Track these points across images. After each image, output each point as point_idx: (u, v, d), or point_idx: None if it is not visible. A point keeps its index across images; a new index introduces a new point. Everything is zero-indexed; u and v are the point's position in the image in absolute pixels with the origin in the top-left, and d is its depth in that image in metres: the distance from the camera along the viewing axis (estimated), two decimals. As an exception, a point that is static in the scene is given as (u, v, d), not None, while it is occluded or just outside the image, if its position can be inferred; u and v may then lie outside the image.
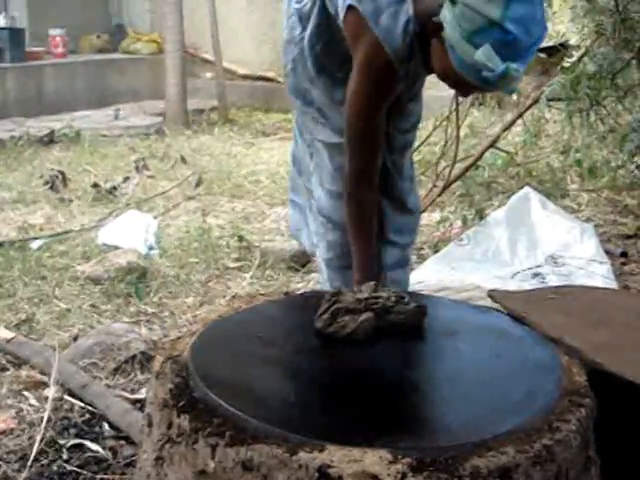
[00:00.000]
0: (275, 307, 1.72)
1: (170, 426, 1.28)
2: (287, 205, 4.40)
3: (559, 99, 3.86)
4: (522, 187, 4.01)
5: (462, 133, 4.76)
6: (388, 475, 1.09)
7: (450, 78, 1.72)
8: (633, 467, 1.50)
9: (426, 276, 3.05)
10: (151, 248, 3.59)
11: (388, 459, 1.11)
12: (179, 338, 1.52)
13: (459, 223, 3.94)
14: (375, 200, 1.98)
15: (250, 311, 1.66)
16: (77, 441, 2.14)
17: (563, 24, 4.45)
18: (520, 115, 4.33)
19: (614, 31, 3.36)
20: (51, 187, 4.71)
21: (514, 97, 5.34)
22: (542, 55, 4.86)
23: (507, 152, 4.81)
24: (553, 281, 3.13)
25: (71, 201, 4.55)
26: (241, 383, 1.33)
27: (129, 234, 3.74)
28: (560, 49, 4.32)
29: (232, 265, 3.56)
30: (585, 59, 3.74)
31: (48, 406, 2.25)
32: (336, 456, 1.11)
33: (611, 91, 3.56)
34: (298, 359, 1.44)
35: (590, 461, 1.29)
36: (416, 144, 2.57)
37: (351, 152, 1.92)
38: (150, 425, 1.37)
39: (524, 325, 1.61)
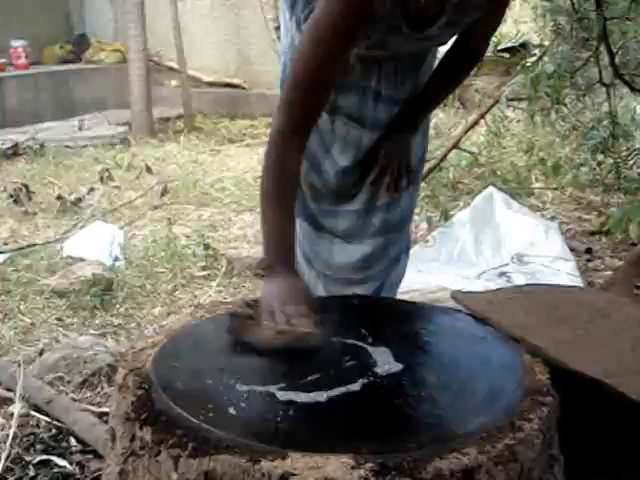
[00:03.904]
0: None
1: (133, 439, 1.26)
2: (253, 212, 4.45)
3: (520, 99, 3.90)
4: (487, 187, 4.04)
5: (426, 135, 4.78)
6: (350, 480, 1.08)
7: None
8: (596, 463, 1.51)
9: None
10: (116, 259, 3.57)
11: (350, 465, 1.10)
12: (142, 350, 1.51)
13: (425, 225, 3.96)
14: (300, 166, 1.72)
15: (213, 320, 1.65)
16: (44, 457, 2.12)
17: (525, 24, 4.50)
18: (482, 115, 4.37)
19: (571, 30, 3.40)
20: (15, 201, 4.66)
21: (476, 97, 5.38)
22: (503, 55, 4.89)
23: (471, 152, 4.85)
24: (519, 280, 3.16)
25: (35, 214, 4.51)
26: (203, 394, 1.32)
27: (94, 246, 3.71)
28: (520, 49, 4.37)
29: (198, 274, 3.55)
30: (545, 58, 3.79)
31: (14, 422, 2.22)
32: (298, 464, 1.11)
33: (571, 90, 3.60)
34: (260, 368, 1.44)
35: (553, 459, 1.29)
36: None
37: (293, 97, 1.63)
38: (113, 438, 1.35)
39: (487, 325, 1.61)
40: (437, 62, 2.01)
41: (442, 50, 1.97)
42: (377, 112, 1.94)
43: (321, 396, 1.32)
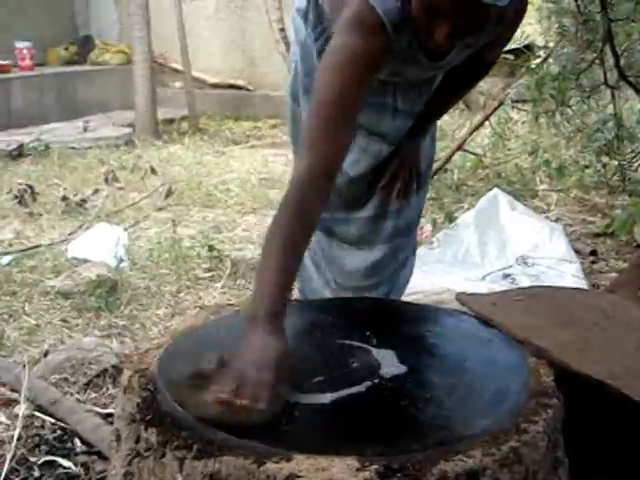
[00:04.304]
0: (242, 317, 1.71)
1: (138, 440, 1.27)
2: (257, 213, 4.46)
3: (525, 100, 3.90)
4: (491, 189, 4.03)
5: (431, 136, 4.77)
6: (355, 483, 1.09)
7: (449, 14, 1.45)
8: (601, 466, 1.51)
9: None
10: (121, 260, 3.56)
11: (355, 467, 1.11)
12: (147, 351, 1.51)
13: (429, 227, 3.96)
14: (320, 216, 1.56)
15: (218, 322, 1.65)
16: (49, 458, 2.11)
17: (530, 26, 4.50)
18: (487, 117, 4.37)
19: (576, 32, 3.40)
20: (20, 201, 4.66)
21: (481, 99, 5.38)
22: (508, 57, 4.89)
23: (475, 154, 4.85)
24: (524, 282, 3.16)
25: (40, 215, 4.51)
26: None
27: (99, 247, 3.71)
28: (525, 51, 4.36)
29: (203, 275, 3.55)
30: (550, 60, 3.79)
31: (19, 423, 2.22)
32: (303, 465, 1.11)
33: (576, 91, 3.60)
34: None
35: (558, 462, 1.29)
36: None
37: (316, 136, 1.54)
38: (118, 440, 1.36)
39: (491, 327, 1.61)
40: None
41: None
42: (396, 126, 1.96)
43: (326, 398, 1.32)
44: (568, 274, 3.23)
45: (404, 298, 2.26)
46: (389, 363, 1.46)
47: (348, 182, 1.99)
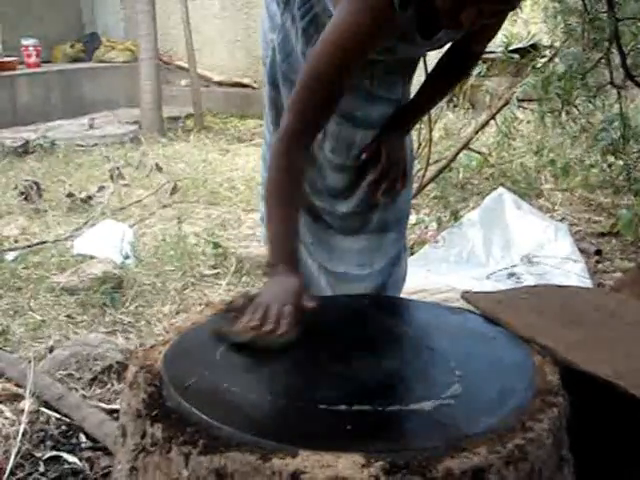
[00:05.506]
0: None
1: (144, 436, 1.27)
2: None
3: (530, 100, 3.90)
4: (496, 188, 4.04)
5: (436, 135, 4.79)
6: (361, 479, 1.09)
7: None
8: (607, 465, 1.51)
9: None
10: (127, 257, 3.57)
11: (361, 463, 1.11)
12: (152, 347, 1.52)
13: (434, 225, 3.96)
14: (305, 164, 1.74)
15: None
16: (54, 453, 2.13)
17: (535, 25, 4.49)
18: (492, 116, 4.36)
19: (583, 31, 3.39)
20: (26, 198, 4.67)
21: (487, 98, 5.38)
22: (514, 56, 4.88)
23: (481, 153, 4.85)
24: (528, 281, 3.16)
25: (46, 212, 4.52)
26: (214, 391, 1.33)
27: (104, 244, 3.72)
28: (531, 50, 4.36)
29: (208, 272, 3.55)
30: (556, 59, 3.78)
31: (24, 419, 2.23)
32: (309, 461, 1.11)
33: (582, 91, 3.59)
34: (271, 365, 1.44)
35: (563, 460, 1.29)
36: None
37: (306, 99, 1.64)
38: (124, 435, 1.36)
39: (497, 325, 1.61)
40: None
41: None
42: (370, 111, 1.93)
43: (333, 394, 1.32)
44: (573, 273, 3.24)
45: (409, 297, 2.25)
46: (395, 360, 1.45)
47: (333, 169, 1.99)
